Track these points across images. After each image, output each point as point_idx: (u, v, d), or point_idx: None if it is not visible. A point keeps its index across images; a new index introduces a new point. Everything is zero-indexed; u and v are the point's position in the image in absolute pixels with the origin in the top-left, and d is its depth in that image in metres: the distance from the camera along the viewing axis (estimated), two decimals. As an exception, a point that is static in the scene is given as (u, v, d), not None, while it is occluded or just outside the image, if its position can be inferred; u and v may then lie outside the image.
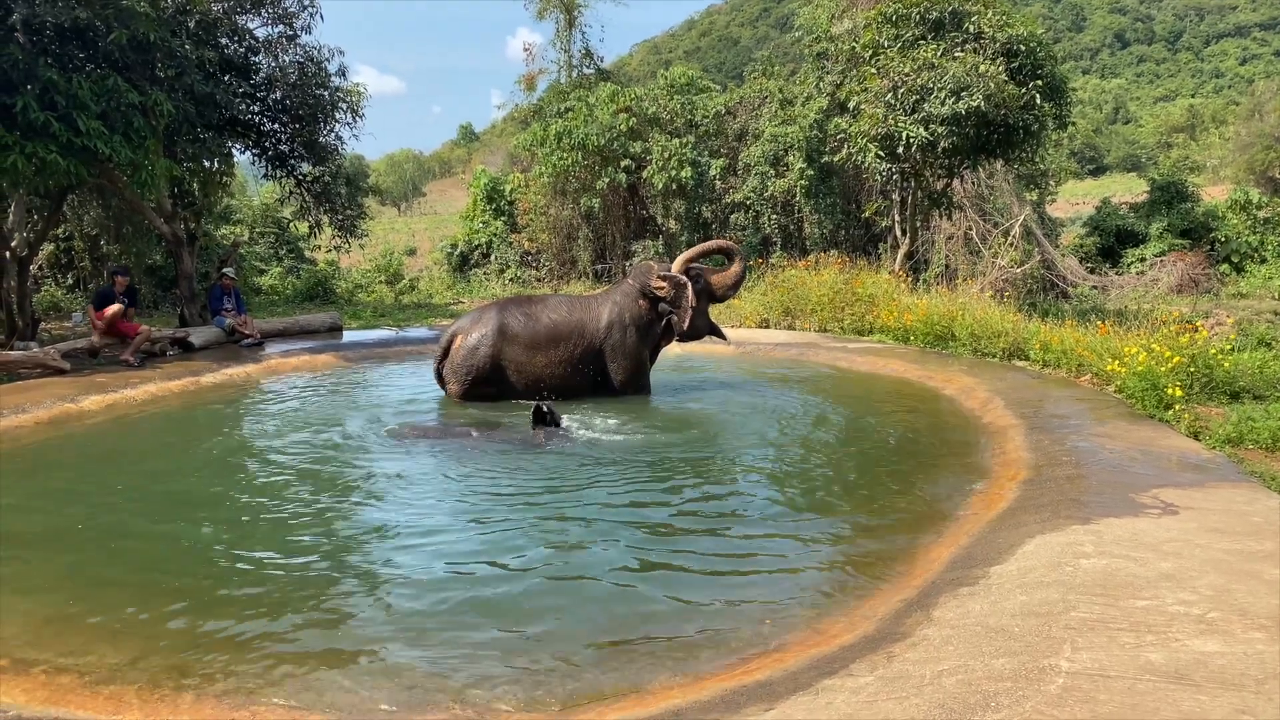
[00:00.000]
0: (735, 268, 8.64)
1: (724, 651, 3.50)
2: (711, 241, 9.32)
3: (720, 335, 8.90)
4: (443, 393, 8.43)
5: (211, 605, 3.92)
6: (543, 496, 5.46)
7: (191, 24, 11.06)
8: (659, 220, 20.12)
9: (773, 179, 18.58)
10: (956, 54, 12.40)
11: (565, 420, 6.93)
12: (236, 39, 12.33)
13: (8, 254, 11.34)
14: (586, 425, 6.99)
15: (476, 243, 22.26)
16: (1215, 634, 3.10)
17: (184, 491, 5.67)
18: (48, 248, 16.59)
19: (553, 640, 3.61)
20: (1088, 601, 3.42)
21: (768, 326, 12.95)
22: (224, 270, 12.56)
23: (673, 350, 8.99)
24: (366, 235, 17.15)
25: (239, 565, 4.40)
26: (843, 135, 15.07)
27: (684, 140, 18.43)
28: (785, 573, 4.31)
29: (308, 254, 22.66)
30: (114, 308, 10.08)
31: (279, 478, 5.95)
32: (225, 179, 13.76)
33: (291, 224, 22.08)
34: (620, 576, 4.25)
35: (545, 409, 6.85)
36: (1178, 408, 6.65)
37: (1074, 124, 16.41)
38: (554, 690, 3.22)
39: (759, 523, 5.04)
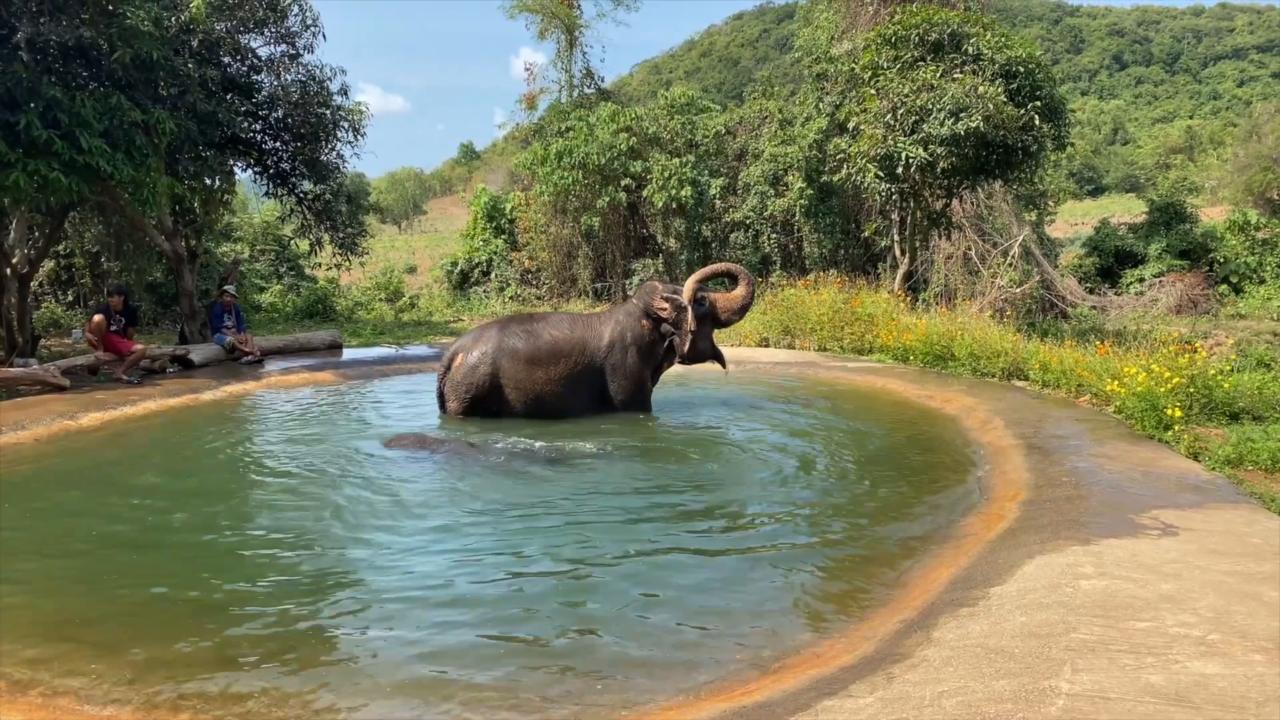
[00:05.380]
0: (741, 292, 8.63)
1: (723, 672, 3.48)
2: (722, 264, 9.32)
3: (721, 362, 8.89)
4: (443, 409, 8.44)
5: (210, 623, 3.90)
6: (540, 511, 5.45)
7: (194, 43, 11.15)
8: (659, 239, 20.21)
9: (772, 198, 18.67)
10: (955, 75, 12.49)
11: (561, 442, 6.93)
12: (239, 58, 12.44)
13: (8, 270, 11.37)
14: (583, 441, 6.98)
15: (477, 261, 22.34)
16: (1215, 656, 3.09)
17: (181, 509, 5.64)
18: (48, 264, 16.67)
19: (549, 660, 3.59)
20: (1088, 623, 3.41)
21: (767, 345, 12.96)
22: (225, 287, 12.58)
23: (675, 368, 9.00)
24: (367, 253, 17.18)
25: (237, 583, 4.39)
26: (842, 155, 15.15)
27: (684, 160, 18.53)
28: (784, 593, 4.30)
29: (308, 271, 22.74)
30: (97, 318, 10.13)
31: (276, 494, 5.95)
32: (226, 197, 13.83)
33: (292, 241, 22.17)
34: (617, 595, 4.23)
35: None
36: (1177, 428, 6.65)
37: (1073, 145, 16.49)
38: (551, 711, 3.21)
39: (756, 542, 5.02)
